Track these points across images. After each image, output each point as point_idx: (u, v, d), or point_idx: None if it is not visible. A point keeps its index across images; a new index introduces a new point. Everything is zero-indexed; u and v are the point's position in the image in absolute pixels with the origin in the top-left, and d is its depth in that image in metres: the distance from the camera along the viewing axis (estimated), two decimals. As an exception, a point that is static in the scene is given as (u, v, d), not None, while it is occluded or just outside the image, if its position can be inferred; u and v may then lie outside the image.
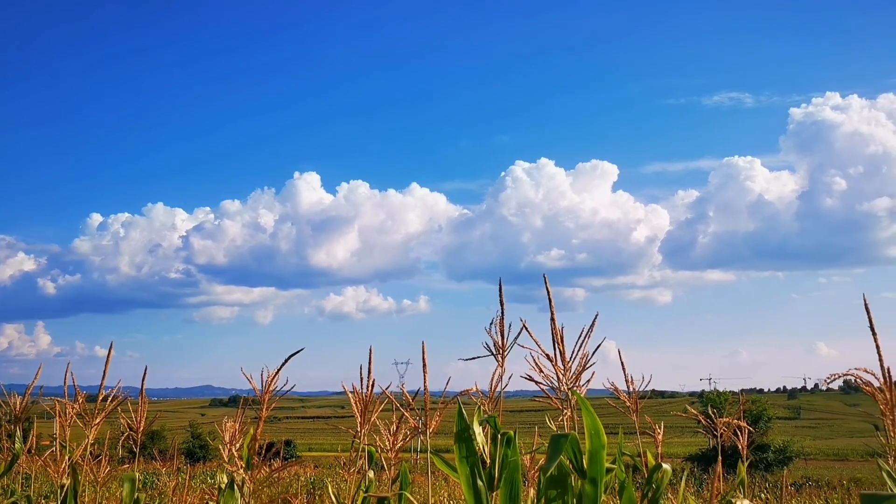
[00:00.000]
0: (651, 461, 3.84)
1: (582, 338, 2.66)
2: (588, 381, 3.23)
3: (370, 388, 2.94)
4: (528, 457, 3.82)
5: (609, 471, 2.79)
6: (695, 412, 3.83)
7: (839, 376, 2.24)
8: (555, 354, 2.71)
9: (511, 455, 3.00)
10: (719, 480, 3.22)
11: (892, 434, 2.22)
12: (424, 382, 2.73)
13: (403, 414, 2.97)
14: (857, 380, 2.24)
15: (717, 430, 3.74)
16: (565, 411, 2.84)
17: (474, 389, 3.16)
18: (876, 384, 2.28)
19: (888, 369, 2.20)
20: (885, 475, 2.54)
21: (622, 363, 3.79)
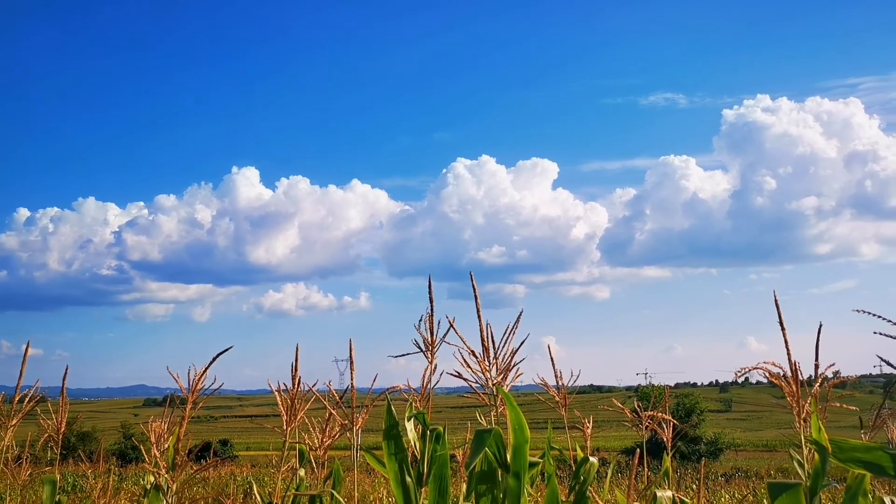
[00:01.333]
0: (580, 455, 3.92)
1: (506, 335, 2.69)
2: (518, 376, 3.28)
3: (296, 387, 2.93)
4: (461, 452, 3.86)
5: (535, 465, 2.84)
6: (621, 406, 3.92)
7: (749, 370, 2.33)
8: (482, 351, 2.75)
9: (440, 451, 3.03)
10: (636, 472, 3.31)
11: (799, 424, 2.33)
12: (352, 380, 2.74)
13: (332, 412, 2.96)
14: (767, 373, 2.33)
15: (643, 424, 3.84)
16: (495, 407, 2.88)
17: (405, 386, 3.17)
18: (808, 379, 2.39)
19: (795, 363, 2.30)
20: (795, 464, 2.65)
21: (552, 359, 3.85)
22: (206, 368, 3.24)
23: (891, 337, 2.13)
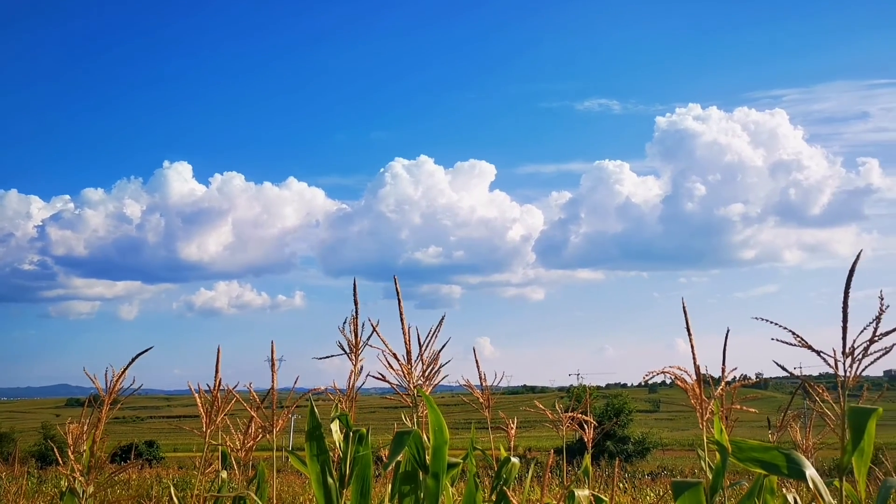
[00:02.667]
0: (504, 455, 4.00)
1: (429, 337, 2.74)
2: (441, 378, 3.34)
3: (217, 388, 2.92)
4: (385, 453, 3.89)
5: (455, 465, 2.89)
6: (542, 407, 4.01)
7: (657, 373, 2.43)
8: (405, 353, 2.79)
9: (363, 451, 3.06)
10: (548, 472, 3.39)
11: (702, 425, 2.44)
12: (273, 382, 2.74)
13: (252, 413, 2.96)
14: (672, 376, 2.44)
15: (563, 424, 3.94)
16: (416, 409, 2.92)
17: (331, 386, 3.19)
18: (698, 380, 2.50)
19: (698, 367, 2.42)
20: (703, 463, 2.77)
21: (476, 360, 3.91)
22: (126, 369, 3.19)
23: (786, 343, 2.26)
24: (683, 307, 2.49)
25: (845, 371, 2.22)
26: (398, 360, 2.73)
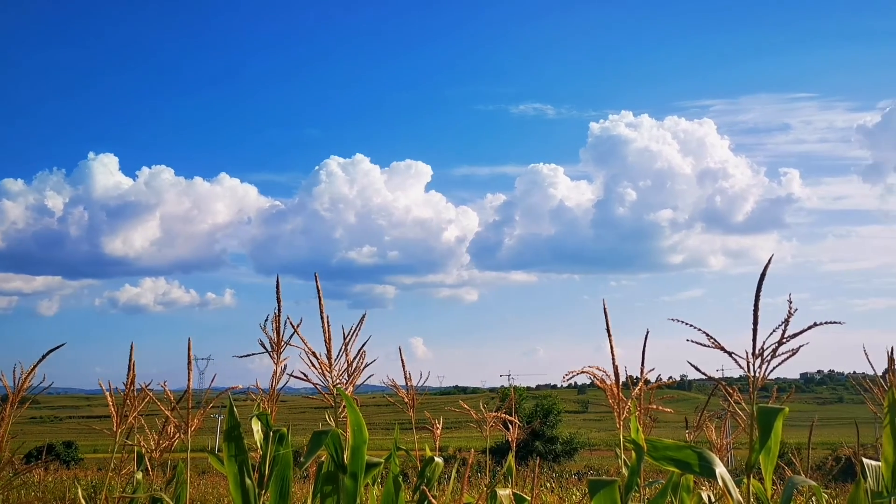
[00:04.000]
0: (429, 454, 3.99)
1: (349, 336, 2.71)
2: (370, 377, 3.31)
3: (130, 387, 2.82)
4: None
5: (375, 465, 2.86)
6: (466, 408, 4.02)
7: (577, 373, 2.46)
8: (327, 352, 2.75)
9: (282, 451, 3.01)
10: (479, 472, 3.40)
11: (619, 424, 2.48)
12: (188, 381, 2.66)
13: (167, 413, 2.87)
14: (592, 376, 2.47)
15: (486, 424, 3.95)
16: (336, 408, 2.88)
17: (254, 386, 3.13)
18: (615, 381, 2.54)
19: (617, 367, 2.46)
20: (620, 462, 2.82)
21: (402, 360, 3.89)
22: (35, 366, 3.05)
23: (700, 344, 2.32)
24: (604, 309, 2.52)
25: (755, 372, 2.29)
26: (317, 359, 2.69)
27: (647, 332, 2.75)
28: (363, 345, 2.75)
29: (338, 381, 2.73)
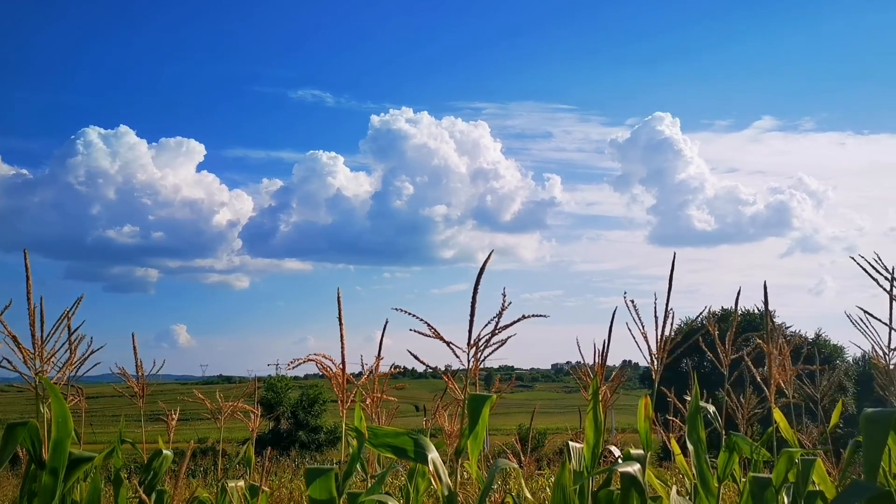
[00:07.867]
0: (162, 447, 3.78)
1: (60, 321, 2.49)
2: (96, 365, 3.07)
3: None
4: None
5: (85, 460, 2.64)
6: (201, 397, 3.86)
7: (302, 361, 2.45)
8: (31, 337, 2.49)
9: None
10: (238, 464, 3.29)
11: (341, 412, 2.51)
12: None
13: None
14: (318, 364, 2.48)
15: (222, 416, 3.83)
16: (41, 399, 2.63)
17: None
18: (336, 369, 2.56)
19: (344, 356, 2.49)
20: (342, 449, 2.85)
21: (134, 348, 3.65)
22: None
23: (422, 334, 2.41)
24: (338, 298, 2.54)
25: (469, 360, 2.43)
26: (19, 345, 2.43)
27: (386, 322, 2.82)
28: (76, 329, 2.54)
29: (41, 368, 2.48)
